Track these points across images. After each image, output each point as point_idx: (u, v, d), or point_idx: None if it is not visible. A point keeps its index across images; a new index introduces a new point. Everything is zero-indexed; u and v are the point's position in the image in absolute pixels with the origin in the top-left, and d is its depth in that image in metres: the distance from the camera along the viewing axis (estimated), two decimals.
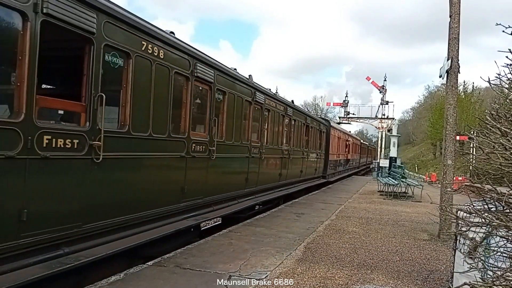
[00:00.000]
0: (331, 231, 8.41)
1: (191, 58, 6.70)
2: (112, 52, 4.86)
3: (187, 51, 6.59)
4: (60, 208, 4.28)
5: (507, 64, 3.39)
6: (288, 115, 13.39)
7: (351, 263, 6.02)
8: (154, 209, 5.87)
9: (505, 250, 3.22)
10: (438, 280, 5.45)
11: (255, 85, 10.14)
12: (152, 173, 5.85)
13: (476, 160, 4.34)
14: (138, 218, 5.49)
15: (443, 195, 8.42)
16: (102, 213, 4.82)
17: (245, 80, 9.52)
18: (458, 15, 8.35)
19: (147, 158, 5.71)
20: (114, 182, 5.07)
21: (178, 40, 6.40)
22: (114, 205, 5.07)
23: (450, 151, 8.38)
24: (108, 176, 4.92)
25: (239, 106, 9.15)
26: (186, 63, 6.58)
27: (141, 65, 5.36)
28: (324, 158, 20.44)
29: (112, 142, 4.87)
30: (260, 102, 10.43)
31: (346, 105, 43.10)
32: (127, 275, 4.90)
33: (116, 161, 5.01)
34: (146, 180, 5.71)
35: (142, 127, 5.46)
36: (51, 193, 4.16)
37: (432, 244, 7.74)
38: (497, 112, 3.44)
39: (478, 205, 3.61)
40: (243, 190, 9.63)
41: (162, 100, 5.94)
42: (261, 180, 10.87)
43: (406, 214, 11.66)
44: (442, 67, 8.85)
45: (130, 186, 5.38)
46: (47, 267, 3.96)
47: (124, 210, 5.21)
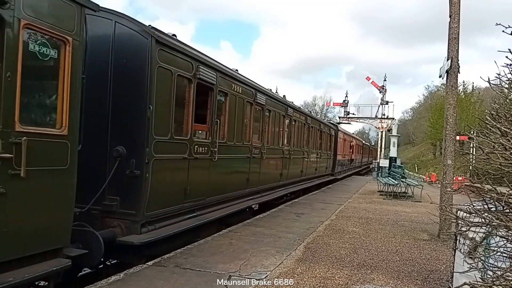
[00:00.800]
0: (331, 231, 8.41)
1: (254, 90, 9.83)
2: (220, 94, 7.92)
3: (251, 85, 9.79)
4: (198, 187, 7.09)
5: (507, 64, 3.39)
6: (308, 123, 16.23)
7: (351, 263, 6.02)
8: (233, 192, 8.91)
9: (505, 250, 3.22)
10: (438, 280, 5.45)
11: (294, 106, 14.46)
12: (233, 168, 8.99)
13: (476, 160, 4.34)
14: (225, 197, 8.47)
15: (443, 195, 8.42)
16: (214, 192, 7.79)
17: (290, 103, 13.69)
18: (458, 15, 8.35)
19: (232, 159, 8.72)
20: (220, 173, 8.04)
21: (244, 77, 9.47)
22: (218, 188, 7.98)
23: (450, 151, 8.38)
24: (219, 169, 7.93)
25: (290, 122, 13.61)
26: (251, 93, 9.68)
27: (231, 100, 8.46)
28: (333, 158, 22.80)
29: (220, 148, 7.73)
30: (290, 115, 13.52)
31: (346, 105, 43.01)
32: (127, 275, 4.90)
33: (222, 160, 7.95)
34: (232, 172, 8.92)
35: (230, 139, 8.50)
36: (196, 178, 7.02)
37: (432, 244, 7.74)
38: (497, 112, 3.44)
39: (478, 205, 3.61)
40: (278, 182, 12.64)
41: (239, 121, 8.93)
42: (290, 175, 13.80)
43: (406, 214, 11.66)
44: (442, 67, 8.85)
45: (227, 175, 8.54)
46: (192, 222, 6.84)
47: (223, 190, 8.26)
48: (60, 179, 4.12)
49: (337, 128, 24.42)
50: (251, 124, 9.74)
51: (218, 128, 7.73)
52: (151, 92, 5.55)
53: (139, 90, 5.54)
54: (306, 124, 15.83)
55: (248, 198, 9.95)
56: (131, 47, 5.58)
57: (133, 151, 5.50)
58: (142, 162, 5.47)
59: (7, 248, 3.65)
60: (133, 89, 5.58)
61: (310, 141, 16.63)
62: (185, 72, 6.44)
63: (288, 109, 13.01)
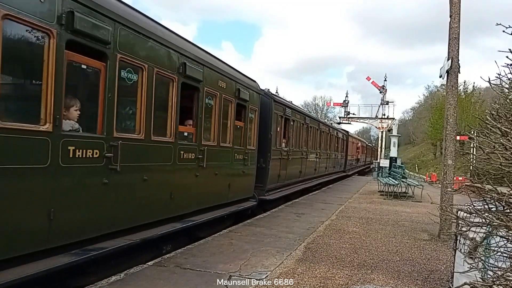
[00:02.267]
0: (332, 231, 8.41)
1: None
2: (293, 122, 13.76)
3: None
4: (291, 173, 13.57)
5: (507, 64, 3.39)
6: (330, 133, 21.90)
7: (351, 263, 6.02)
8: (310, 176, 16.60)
9: (505, 250, 3.22)
10: (438, 280, 5.45)
11: (325, 122, 21.46)
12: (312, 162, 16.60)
13: (477, 160, 4.34)
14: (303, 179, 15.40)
15: (443, 195, 8.42)
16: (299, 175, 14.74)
17: (323, 121, 20.09)
18: (458, 15, 8.35)
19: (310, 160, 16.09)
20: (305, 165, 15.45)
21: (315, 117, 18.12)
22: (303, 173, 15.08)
23: (451, 151, 8.37)
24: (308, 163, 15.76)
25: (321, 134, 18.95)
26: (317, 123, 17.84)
27: (302, 126, 14.72)
28: (345, 158, 28.32)
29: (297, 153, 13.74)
30: (322, 129, 19.38)
31: (346, 105, 43.01)
32: (127, 275, 4.91)
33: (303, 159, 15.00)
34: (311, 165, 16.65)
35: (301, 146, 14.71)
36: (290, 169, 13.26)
37: (432, 244, 7.74)
38: (497, 112, 3.44)
39: (479, 205, 3.61)
40: (315, 174, 18.26)
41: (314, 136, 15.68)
42: (320, 170, 19.22)
43: (407, 214, 11.66)
44: (442, 67, 8.84)
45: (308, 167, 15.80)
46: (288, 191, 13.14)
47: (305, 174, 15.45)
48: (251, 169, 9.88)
49: (347, 134, 30.15)
50: (303, 136, 15.16)
51: (293, 141, 13.72)
52: (272, 126, 11.10)
53: (267, 126, 10.85)
54: (328, 133, 21.54)
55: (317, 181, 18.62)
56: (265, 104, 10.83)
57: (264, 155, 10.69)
58: (267, 159, 10.83)
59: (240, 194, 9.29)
60: (266, 126, 10.76)
61: (331, 146, 22.36)
62: (281, 113, 12.15)
63: (320, 125, 19.14)
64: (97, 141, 4.60)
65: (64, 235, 4.20)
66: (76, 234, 4.39)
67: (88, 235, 4.56)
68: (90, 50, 4.49)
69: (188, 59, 6.52)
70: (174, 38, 6.34)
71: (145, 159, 5.57)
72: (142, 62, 5.31)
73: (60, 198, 4.10)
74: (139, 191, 5.48)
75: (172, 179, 6.28)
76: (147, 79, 5.40)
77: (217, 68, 7.74)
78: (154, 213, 5.92)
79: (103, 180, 4.67)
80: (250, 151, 9.60)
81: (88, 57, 4.51)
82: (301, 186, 15.23)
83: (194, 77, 6.75)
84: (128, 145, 5.06)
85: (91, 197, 4.58)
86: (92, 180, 4.56)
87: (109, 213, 4.90)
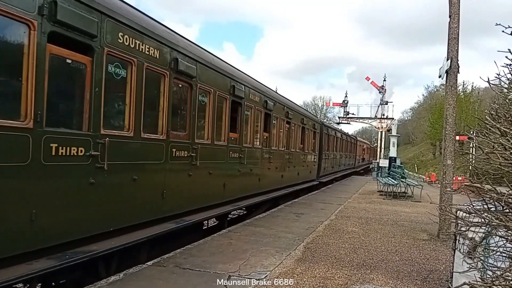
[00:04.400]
0: (331, 231, 8.41)
1: None
2: (327, 135, 22.74)
3: None
4: (330, 166, 23.93)
5: (507, 64, 3.39)
6: (347, 139, 29.51)
7: (350, 263, 6.02)
8: (342, 166, 28.98)
9: (504, 250, 3.22)
10: (437, 280, 5.45)
11: (343, 132, 30.66)
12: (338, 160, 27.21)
13: (476, 160, 4.34)
14: (339, 169, 27.72)
15: (443, 195, 8.42)
16: (332, 169, 25.38)
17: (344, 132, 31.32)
18: (458, 15, 8.35)
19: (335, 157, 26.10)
20: (336, 161, 26.49)
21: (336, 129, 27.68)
22: (336, 165, 26.80)
23: (450, 151, 8.38)
24: (340, 161, 27.72)
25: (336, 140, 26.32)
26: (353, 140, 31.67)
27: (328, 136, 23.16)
28: (354, 158, 36.29)
29: (328, 154, 23.17)
30: (343, 138, 28.24)
31: (345, 105, 42.99)
32: (126, 275, 4.90)
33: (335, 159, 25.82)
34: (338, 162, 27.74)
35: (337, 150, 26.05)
36: (328, 163, 23.28)
37: (432, 244, 7.74)
38: (497, 112, 3.45)
39: (478, 205, 3.61)
40: (338, 168, 26.94)
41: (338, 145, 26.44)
42: (341, 167, 27.76)
43: (406, 214, 11.67)
44: (442, 67, 8.85)
45: (337, 163, 27.53)
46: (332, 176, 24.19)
47: (336, 168, 26.74)
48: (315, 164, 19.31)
49: (356, 138, 38.87)
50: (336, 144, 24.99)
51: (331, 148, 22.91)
52: (323, 140, 20.40)
53: (321, 140, 20.08)
54: (347, 140, 30.27)
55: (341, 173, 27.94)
56: (318, 127, 19.63)
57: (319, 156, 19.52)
58: (321, 159, 19.82)
59: (310, 177, 18.15)
60: (320, 140, 19.93)
61: (348, 149, 30.58)
62: (326, 132, 21.11)
63: (342, 135, 27.52)
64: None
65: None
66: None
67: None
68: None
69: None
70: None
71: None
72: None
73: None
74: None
75: None
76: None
77: None
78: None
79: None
80: (315, 154, 18.57)
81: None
82: (337, 174, 26.09)
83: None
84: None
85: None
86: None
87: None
